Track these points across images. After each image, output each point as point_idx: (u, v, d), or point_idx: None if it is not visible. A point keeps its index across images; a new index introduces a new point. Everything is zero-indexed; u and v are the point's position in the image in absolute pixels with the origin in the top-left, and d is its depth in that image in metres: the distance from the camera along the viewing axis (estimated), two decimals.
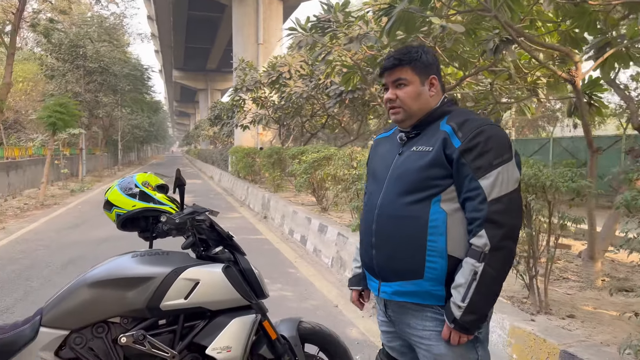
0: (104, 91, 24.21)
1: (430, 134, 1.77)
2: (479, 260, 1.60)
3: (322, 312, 4.55)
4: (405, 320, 1.80)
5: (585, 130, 4.44)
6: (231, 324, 2.21)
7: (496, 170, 1.62)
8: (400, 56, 1.79)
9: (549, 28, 5.80)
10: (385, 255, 1.77)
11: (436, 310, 1.72)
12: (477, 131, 1.66)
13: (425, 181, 1.70)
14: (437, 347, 1.72)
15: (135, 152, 51.43)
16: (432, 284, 1.69)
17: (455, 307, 1.63)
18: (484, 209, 1.61)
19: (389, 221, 1.76)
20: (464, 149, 1.65)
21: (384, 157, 1.91)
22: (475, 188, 1.63)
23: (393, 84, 1.81)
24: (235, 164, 17.08)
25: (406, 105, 1.79)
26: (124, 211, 2.43)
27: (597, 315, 3.50)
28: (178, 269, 2.18)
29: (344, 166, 6.92)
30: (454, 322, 1.63)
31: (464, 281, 1.62)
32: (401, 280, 1.74)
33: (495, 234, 1.59)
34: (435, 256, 1.67)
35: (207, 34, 39.83)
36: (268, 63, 13.74)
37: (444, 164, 1.68)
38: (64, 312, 2.10)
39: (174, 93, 72.86)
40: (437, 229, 1.67)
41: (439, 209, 1.68)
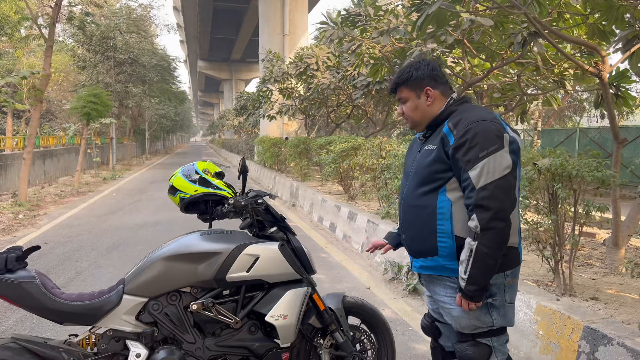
0: (133, 82, 24.77)
1: (436, 134, 2.09)
2: (474, 239, 1.88)
3: (356, 293, 4.81)
4: (432, 288, 2.18)
5: (610, 122, 4.59)
6: (286, 295, 2.50)
7: (482, 162, 1.87)
8: (396, 79, 2.17)
9: (577, 20, 5.91)
10: (409, 238, 2.17)
11: (453, 280, 2.05)
12: (466, 129, 1.92)
13: (432, 175, 2.02)
14: (455, 310, 2.05)
15: (161, 141, 52.32)
16: (445, 260, 2.03)
17: (461, 279, 1.95)
18: (473, 196, 1.88)
19: (409, 210, 2.14)
20: (456, 146, 1.94)
21: (411, 155, 2.29)
22: (467, 179, 1.91)
23: (399, 101, 2.21)
24: (261, 153, 17.42)
25: (409, 117, 2.18)
26: (188, 195, 2.72)
27: (620, 298, 3.70)
28: (241, 246, 2.47)
29: (373, 156, 7.15)
30: (461, 291, 1.96)
31: (464, 258, 1.92)
32: (422, 257, 2.11)
33: (484, 216, 1.85)
34: (444, 237, 2.00)
35: (232, 24, 40.21)
36: (295, 54, 13.97)
37: (443, 160, 1.99)
38: (143, 282, 2.41)
39: (198, 83, 73.71)
40: (444, 215, 1.99)
41: (445, 197, 2.00)
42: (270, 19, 22.30)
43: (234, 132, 40.43)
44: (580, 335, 2.79)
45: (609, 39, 5.29)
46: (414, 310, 4.33)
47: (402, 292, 4.80)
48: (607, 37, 5.26)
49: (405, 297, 4.71)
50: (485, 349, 2.04)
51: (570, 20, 6.07)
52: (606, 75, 4.35)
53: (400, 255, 5.20)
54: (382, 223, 6.00)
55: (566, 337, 2.89)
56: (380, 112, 13.66)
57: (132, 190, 14.61)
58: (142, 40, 25.85)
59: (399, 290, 4.88)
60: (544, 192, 3.79)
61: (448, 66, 8.69)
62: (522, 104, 8.82)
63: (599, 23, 5.22)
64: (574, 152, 12.68)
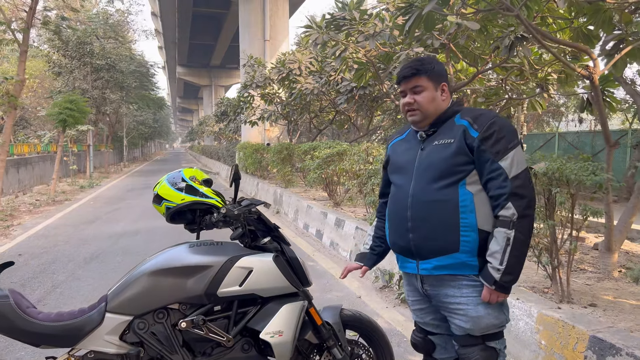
0: (110, 88, 24.32)
1: (448, 129, 2.07)
2: (509, 228, 1.88)
3: (346, 302, 4.68)
4: (442, 292, 2.06)
5: (602, 125, 4.55)
6: (282, 310, 2.35)
7: (511, 152, 1.92)
8: (417, 66, 2.08)
9: (562, 25, 5.91)
10: (423, 236, 2.03)
11: (471, 279, 2.00)
12: (491, 122, 1.96)
13: (452, 168, 1.98)
14: (474, 309, 1.99)
15: (139, 148, 51.55)
16: (467, 256, 1.97)
17: (495, 271, 1.90)
18: (508, 185, 1.89)
19: (423, 206, 2.03)
20: (483, 137, 1.94)
21: (406, 154, 2.19)
22: (497, 169, 1.91)
23: (411, 90, 2.09)
24: (243, 160, 17.19)
25: (423, 107, 2.08)
26: (174, 204, 2.54)
27: (618, 304, 3.62)
28: (233, 258, 2.31)
29: (360, 161, 7.04)
30: (495, 284, 1.91)
31: (499, 248, 1.89)
32: (440, 256, 2.00)
33: (520, 204, 1.88)
34: (468, 231, 1.95)
35: (211, 30, 39.90)
36: (277, 59, 13.83)
37: (466, 152, 1.97)
38: (128, 299, 2.23)
39: (177, 89, 72.97)
40: (467, 207, 1.95)
41: (466, 190, 1.96)
42: (250, 24, 22.15)
43: (214, 138, 40.06)
44: (586, 346, 2.69)
45: (593, 43, 5.29)
46: (408, 320, 4.21)
47: (395, 301, 4.68)
48: (591, 41, 5.25)
49: (397, 306, 4.58)
50: (492, 353, 2.03)
51: (553, 24, 6.07)
52: (597, 78, 4.31)
53: (391, 262, 5.08)
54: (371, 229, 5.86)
55: (571, 347, 2.79)
56: (363, 118, 13.59)
57: (110, 199, 14.25)
58: (120, 46, 25.42)
59: (391, 299, 4.76)
60: (539, 196, 3.70)
61: None
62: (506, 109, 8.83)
63: (584, 27, 5.22)
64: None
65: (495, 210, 1.94)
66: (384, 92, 10.15)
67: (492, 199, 1.94)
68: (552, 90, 8.34)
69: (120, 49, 25.27)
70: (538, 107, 8.14)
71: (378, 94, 10.83)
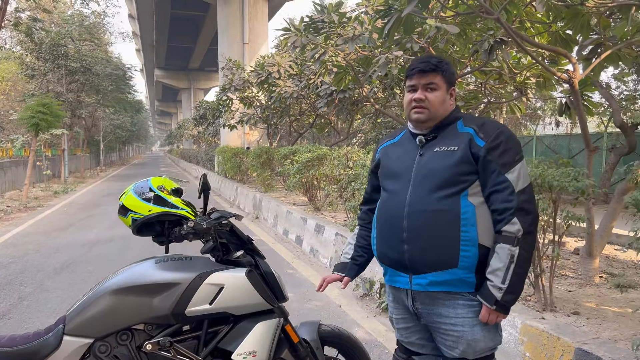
0: (86, 91, 23.83)
1: (451, 136, 1.94)
2: (514, 244, 1.77)
3: (326, 312, 4.55)
4: (435, 311, 1.91)
5: (582, 129, 4.52)
6: (255, 329, 2.20)
7: (518, 165, 1.83)
8: (436, 62, 1.94)
9: (540, 29, 5.90)
10: (420, 249, 1.87)
11: (467, 297, 1.86)
12: (499, 131, 1.86)
13: (454, 177, 1.85)
14: (470, 332, 1.86)
15: (117, 152, 50.73)
16: (464, 272, 1.83)
17: (496, 290, 1.78)
18: (514, 199, 1.78)
19: (422, 216, 1.87)
20: (489, 148, 1.83)
21: (402, 160, 2.03)
22: (503, 181, 1.80)
23: (424, 86, 1.94)
24: (222, 163, 16.97)
25: (433, 107, 1.94)
26: (141, 216, 2.38)
27: (601, 311, 3.57)
28: (203, 274, 2.16)
29: (340, 166, 6.93)
30: (495, 304, 1.78)
31: (501, 265, 1.77)
32: (436, 271, 1.85)
33: (526, 220, 1.78)
34: (468, 245, 1.81)
35: (190, 32, 39.51)
36: (256, 62, 13.66)
37: (470, 161, 1.85)
38: (88, 320, 2.06)
39: (155, 92, 72.06)
40: (468, 220, 1.82)
41: (468, 202, 1.83)
42: (229, 27, 21.93)
43: (193, 142, 39.58)
44: (571, 358, 2.61)
45: (571, 48, 5.28)
46: (389, 330, 4.10)
47: (375, 310, 4.56)
48: (569, 46, 5.24)
49: (378, 315, 4.47)
50: None
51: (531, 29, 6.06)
52: (577, 82, 4.28)
53: (372, 270, 4.97)
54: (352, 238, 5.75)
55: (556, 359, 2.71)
56: (344, 121, 13.51)
57: (84, 205, 13.90)
58: (96, 48, 24.93)
59: (372, 308, 4.64)
60: None
61: None
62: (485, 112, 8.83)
63: (562, 31, 5.20)
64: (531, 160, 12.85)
65: (499, 225, 1.81)
66: (364, 95, 10.08)
67: (496, 212, 1.83)
68: (531, 94, 8.37)
69: (96, 52, 24.79)
70: (517, 110, 8.15)
71: (358, 98, 10.76)
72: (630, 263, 5.07)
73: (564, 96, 6.23)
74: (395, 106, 11.00)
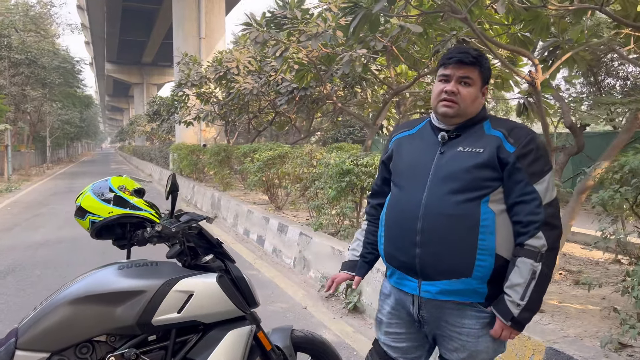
0: (31, 84, 22.69)
1: (476, 136, 1.82)
2: (537, 260, 1.67)
3: (292, 314, 4.45)
4: (443, 318, 1.81)
5: (544, 130, 4.61)
6: (227, 338, 2.09)
7: (547, 176, 1.72)
8: (476, 56, 1.80)
9: (499, 31, 6.00)
10: (433, 254, 1.75)
11: (476, 308, 1.77)
12: (530, 138, 1.74)
13: (477, 181, 1.73)
14: (474, 343, 1.77)
15: (65, 149, 48.71)
16: (478, 282, 1.73)
17: (514, 306, 1.68)
18: (541, 212, 1.68)
19: (438, 219, 1.75)
20: (520, 155, 1.71)
21: (420, 155, 1.89)
22: (531, 192, 1.70)
23: (459, 78, 1.80)
24: (177, 161, 16.52)
25: (465, 103, 1.80)
26: (100, 218, 2.21)
27: (564, 309, 3.64)
28: (170, 281, 2.03)
29: (303, 165, 6.83)
30: (512, 320, 1.69)
31: (522, 281, 1.67)
32: (448, 279, 1.74)
33: (551, 235, 1.68)
34: (485, 254, 1.71)
35: (143, 26, 38.32)
36: (213, 58, 13.35)
37: (495, 166, 1.73)
38: (43, 333, 1.89)
39: (106, 87, 69.63)
40: (488, 228, 1.71)
41: (488, 208, 1.72)
42: (185, 20, 21.37)
43: (146, 138, 38.51)
44: (542, 358, 2.63)
45: (529, 49, 5.39)
46: (356, 332, 4.04)
47: (342, 311, 4.50)
48: (527, 47, 5.35)
49: (345, 316, 4.41)
50: None
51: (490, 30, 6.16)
52: (539, 83, 4.35)
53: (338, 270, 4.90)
54: (316, 236, 5.68)
55: (527, 359, 2.72)
56: (304, 119, 13.42)
57: (30, 204, 13.20)
58: (42, 40, 23.79)
59: (338, 308, 4.58)
60: None
61: (372, 73, 8.62)
62: None
63: (520, 33, 5.30)
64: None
65: (522, 238, 1.70)
66: (325, 94, 10.02)
67: (520, 224, 1.71)
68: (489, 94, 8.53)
69: (43, 43, 23.65)
70: None
71: (318, 96, 10.69)
72: (586, 260, 5.22)
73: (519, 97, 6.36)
74: (356, 105, 10.98)
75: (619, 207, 3.07)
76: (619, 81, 13.72)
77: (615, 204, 2.66)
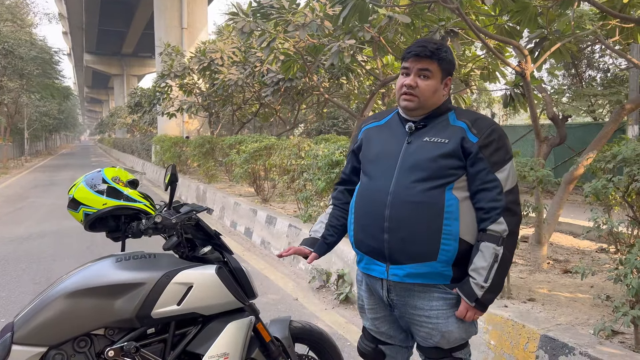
0: (8, 75, 22.16)
1: (441, 127, 1.88)
2: (499, 244, 1.75)
3: (283, 306, 4.44)
4: (410, 303, 1.89)
5: (533, 120, 4.65)
6: (227, 329, 2.06)
7: (508, 164, 1.81)
8: (433, 49, 1.83)
9: (486, 22, 6.03)
10: (401, 239, 1.82)
11: (443, 290, 1.85)
12: (492, 129, 1.83)
13: (442, 170, 1.80)
14: (445, 324, 1.85)
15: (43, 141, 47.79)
16: (442, 265, 1.80)
17: (478, 288, 1.77)
18: (502, 199, 1.77)
19: (405, 206, 1.82)
20: (482, 145, 1.79)
21: (388, 144, 1.95)
22: (493, 180, 1.78)
23: (418, 71, 1.85)
24: (160, 153, 16.33)
25: (424, 96, 1.86)
26: (94, 210, 2.16)
27: (554, 297, 3.69)
28: (170, 273, 1.99)
29: (291, 156, 6.80)
30: (476, 302, 1.78)
31: (485, 264, 1.76)
32: (414, 263, 1.81)
33: (512, 220, 1.77)
34: (449, 239, 1.78)
35: (123, 15, 37.60)
36: (196, 48, 13.17)
37: (460, 156, 1.81)
38: (40, 327, 1.84)
39: (85, 78, 68.31)
40: (452, 214, 1.78)
41: (452, 195, 1.80)
42: (166, 10, 21.02)
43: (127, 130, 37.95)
44: (537, 345, 2.66)
45: (516, 40, 5.43)
46: (349, 322, 4.05)
47: (333, 302, 4.51)
48: (514, 38, 5.38)
49: (336, 307, 4.41)
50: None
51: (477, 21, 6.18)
52: (529, 74, 4.38)
53: (328, 261, 4.91)
54: (306, 227, 5.67)
55: (521, 347, 2.75)
56: (289, 111, 13.35)
57: (10, 197, 12.93)
58: (19, 30, 23.22)
59: (329, 299, 4.58)
60: None
61: (359, 63, 8.59)
62: None
63: (507, 25, 5.33)
64: None
65: (484, 224, 1.79)
66: (311, 85, 9.97)
67: (482, 211, 1.80)
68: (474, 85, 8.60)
69: (19, 33, 23.09)
70: (462, 102, 8.35)
71: (304, 87, 10.63)
72: (573, 249, 5.31)
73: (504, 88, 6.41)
74: (342, 97, 10.96)
75: (609, 197, 3.12)
76: (600, 73, 13.93)
77: (608, 193, 2.69)
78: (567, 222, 6.18)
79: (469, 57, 8.10)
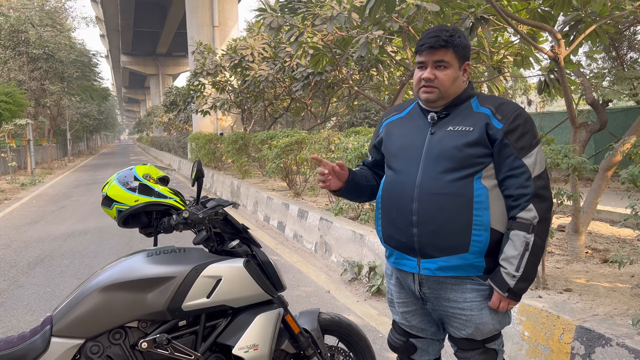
0: (50, 79, 22.97)
1: (464, 115, 1.84)
2: (529, 232, 1.71)
3: (315, 298, 4.48)
4: (443, 295, 1.86)
5: (568, 106, 4.50)
6: (256, 321, 2.10)
7: (535, 149, 1.76)
8: (447, 37, 1.78)
9: (518, 7, 5.86)
10: (430, 233, 1.79)
11: (475, 282, 1.82)
12: (517, 113, 1.77)
13: (468, 159, 1.76)
14: (479, 316, 1.82)
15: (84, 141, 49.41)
16: (475, 257, 1.77)
17: (509, 277, 1.73)
18: (531, 185, 1.73)
19: (433, 199, 1.78)
20: (507, 130, 1.75)
21: (412, 136, 1.92)
22: (520, 166, 1.73)
23: (434, 64, 1.81)
24: (195, 150, 16.64)
25: (444, 87, 1.82)
26: (127, 207, 2.23)
27: (592, 287, 3.59)
28: (199, 267, 2.04)
29: (321, 150, 6.81)
30: (508, 291, 1.74)
31: (516, 253, 1.72)
32: (446, 255, 1.78)
33: (542, 207, 1.73)
34: (480, 229, 1.75)
35: (156, 16, 38.43)
36: (227, 46, 13.35)
37: (486, 143, 1.76)
38: (77, 320, 1.92)
39: (122, 79, 70.20)
40: (482, 204, 1.75)
41: (481, 185, 1.76)
42: (198, 9, 21.35)
43: (164, 129, 38.82)
44: (572, 336, 2.60)
45: (550, 24, 5.26)
46: (381, 314, 4.05)
47: (365, 294, 4.51)
48: (547, 23, 5.22)
49: (368, 299, 4.42)
50: (492, 354, 1.90)
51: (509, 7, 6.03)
52: (562, 59, 4.25)
53: (360, 254, 4.91)
54: (337, 220, 5.68)
55: (556, 338, 2.69)
56: (320, 105, 13.36)
57: (54, 196, 13.45)
58: (58, 34, 23.99)
59: (361, 292, 4.59)
60: None
61: (388, 54, 8.52)
62: None
63: (540, 9, 5.17)
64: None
65: (514, 211, 1.75)
66: (340, 78, 9.95)
67: (511, 198, 1.75)
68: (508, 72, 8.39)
69: (59, 37, 23.86)
70: (495, 90, 8.17)
71: (334, 80, 10.62)
72: (613, 238, 5.14)
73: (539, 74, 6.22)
74: (372, 88, 10.89)
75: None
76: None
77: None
78: (607, 210, 5.98)
79: (501, 43, 7.91)
